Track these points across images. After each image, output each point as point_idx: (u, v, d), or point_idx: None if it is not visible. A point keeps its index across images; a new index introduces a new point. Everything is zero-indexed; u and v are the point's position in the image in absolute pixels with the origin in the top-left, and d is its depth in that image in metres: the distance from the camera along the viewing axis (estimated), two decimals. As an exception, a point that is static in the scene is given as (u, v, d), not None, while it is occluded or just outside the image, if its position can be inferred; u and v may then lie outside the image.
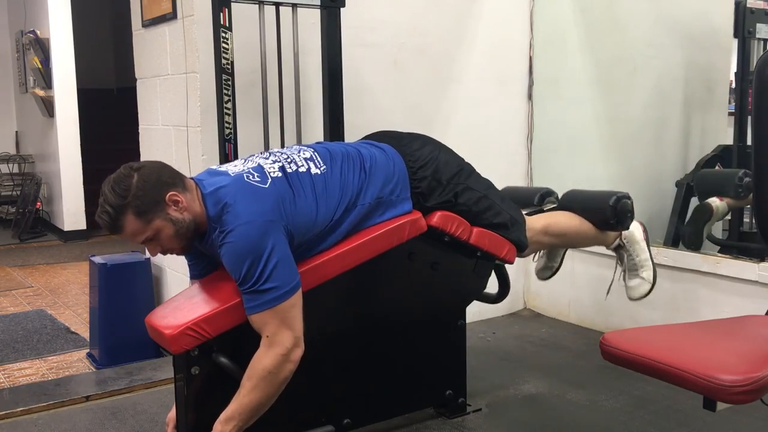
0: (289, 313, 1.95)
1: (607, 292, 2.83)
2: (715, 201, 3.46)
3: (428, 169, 2.30)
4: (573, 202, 2.67)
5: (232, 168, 2.10)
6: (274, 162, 2.11)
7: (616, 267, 2.75)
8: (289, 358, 1.96)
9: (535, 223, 2.53)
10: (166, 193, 1.96)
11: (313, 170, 2.13)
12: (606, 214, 2.56)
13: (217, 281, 2.12)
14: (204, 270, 2.21)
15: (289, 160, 2.13)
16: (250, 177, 2.03)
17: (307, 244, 2.09)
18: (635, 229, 2.67)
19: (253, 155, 2.20)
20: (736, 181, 3.36)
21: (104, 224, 1.97)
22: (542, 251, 2.84)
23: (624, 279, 2.71)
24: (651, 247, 2.68)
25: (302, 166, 2.12)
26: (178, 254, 2.11)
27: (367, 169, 2.20)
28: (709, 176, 3.65)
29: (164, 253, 2.07)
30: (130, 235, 1.98)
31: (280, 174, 2.06)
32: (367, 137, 2.49)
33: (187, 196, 2.00)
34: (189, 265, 2.25)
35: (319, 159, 2.17)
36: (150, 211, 1.94)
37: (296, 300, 1.97)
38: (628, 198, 2.58)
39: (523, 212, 2.56)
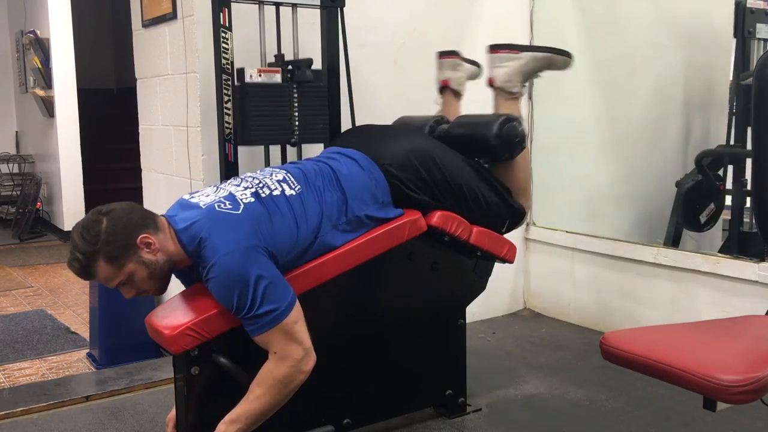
0: (292, 328, 1.94)
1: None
2: None
3: (407, 170, 2.26)
4: (460, 127, 2.50)
5: (204, 198, 2.06)
6: (246, 188, 2.08)
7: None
8: (301, 369, 1.96)
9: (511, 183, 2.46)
10: (137, 235, 1.93)
11: (288, 191, 2.10)
12: (492, 145, 2.35)
13: (217, 281, 2.12)
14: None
15: (261, 185, 2.10)
16: (222, 206, 1.99)
17: (292, 264, 2.06)
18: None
19: (225, 182, 2.17)
20: None
21: (76, 272, 1.94)
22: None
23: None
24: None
25: (276, 189, 2.09)
26: (154, 294, 2.08)
27: (344, 186, 2.17)
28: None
29: (139, 294, 2.03)
30: (103, 280, 1.96)
31: (252, 199, 2.03)
32: (336, 141, 2.46)
33: (160, 236, 1.97)
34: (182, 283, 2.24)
35: (292, 180, 2.14)
36: (121, 256, 1.92)
37: (296, 315, 1.95)
38: (514, 120, 2.37)
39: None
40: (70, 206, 6.36)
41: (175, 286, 2.21)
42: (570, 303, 3.72)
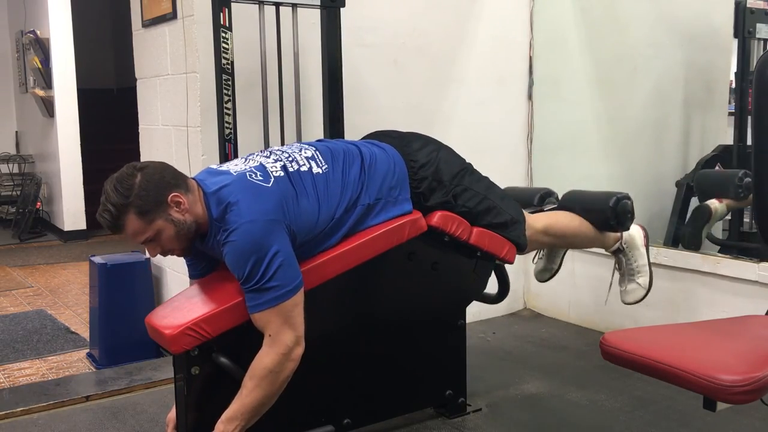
0: (291, 312, 1.95)
1: (607, 296, 2.83)
2: (714, 203, 3.46)
3: (428, 170, 2.30)
4: (573, 202, 2.67)
5: (234, 167, 2.09)
6: (276, 161, 2.11)
7: (613, 270, 2.74)
8: (291, 357, 1.96)
9: (536, 222, 2.53)
10: (169, 194, 1.96)
11: (315, 169, 2.12)
12: (606, 215, 2.56)
13: (217, 281, 2.13)
14: (203, 270, 2.21)
15: (290, 158, 2.13)
16: (253, 176, 2.02)
17: (309, 244, 2.09)
18: (636, 233, 2.66)
19: (254, 154, 2.20)
20: (736, 182, 3.36)
21: (105, 223, 1.96)
22: (542, 252, 2.84)
23: (620, 282, 2.70)
24: (651, 248, 2.68)
25: (304, 165, 2.12)
26: (177, 255, 2.10)
27: (367, 167, 2.20)
28: (709, 176, 3.65)
29: (164, 254, 2.06)
30: (131, 234, 1.97)
31: (282, 173, 2.06)
32: (367, 136, 2.49)
33: (190, 197, 2.00)
34: (188, 265, 2.25)
35: (320, 158, 2.17)
36: (152, 211, 1.94)
37: (299, 299, 1.97)
38: (628, 199, 2.58)
39: (525, 211, 2.56)
40: (70, 206, 6.36)
41: (176, 285, 2.21)
42: (570, 303, 3.72)
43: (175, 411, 2.12)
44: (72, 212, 6.40)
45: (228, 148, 2.63)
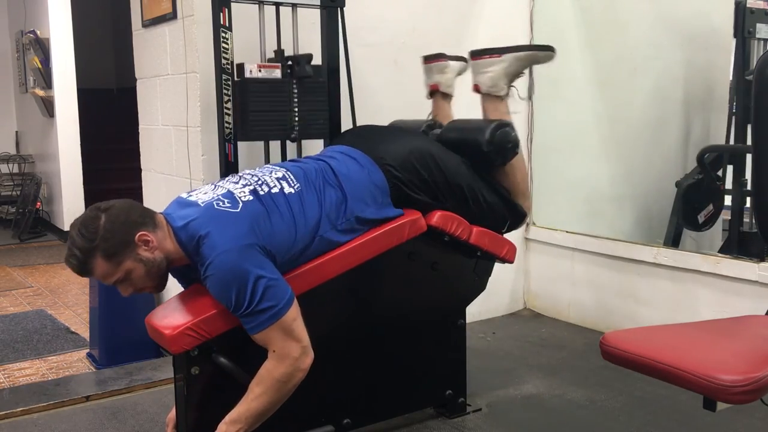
0: (291, 325, 1.94)
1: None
2: None
3: (407, 171, 2.26)
4: (452, 132, 2.50)
5: (202, 196, 2.06)
6: (245, 186, 2.08)
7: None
8: (300, 368, 1.96)
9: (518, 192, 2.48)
10: (136, 233, 1.93)
11: (287, 189, 2.09)
12: (485, 152, 2.35)
13: (217, 281, 2.12)
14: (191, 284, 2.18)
15: (260, 182, 2.10)
16: (220, 204, 1.99)
17: (290, 264, 2.06)
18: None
19: (223, 180, 2.17)
20: None
21: (73, 268, 1.94)
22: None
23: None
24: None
25: (275, 186, 2.09)
26: (151, 292, 2.07)
27: (343, 186, 2.16)
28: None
29: (137, 292, 2.03)
30: (100, 277, 1.96)
31: (251, 197, 2.03)
32: (336, 140, 2.46)
33: (158, 234, 1.97)
34: (180, 283, 2.24)
35: (292, 178, 2.14)
36: (119, 253, 1.91)
37: (294, 313, 1.95)
38: (506, 125, 2.37)
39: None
40: (70, 206, 6.35)
41: (175, 285, 2.21)
42: (570, 303, 3.72)
43: (175, 411, 2.12)
44: (72, 212, 6.38)
45: (228, 148, 2.63)
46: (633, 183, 4.02)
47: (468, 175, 2.37)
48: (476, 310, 3.53)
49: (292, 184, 2.12)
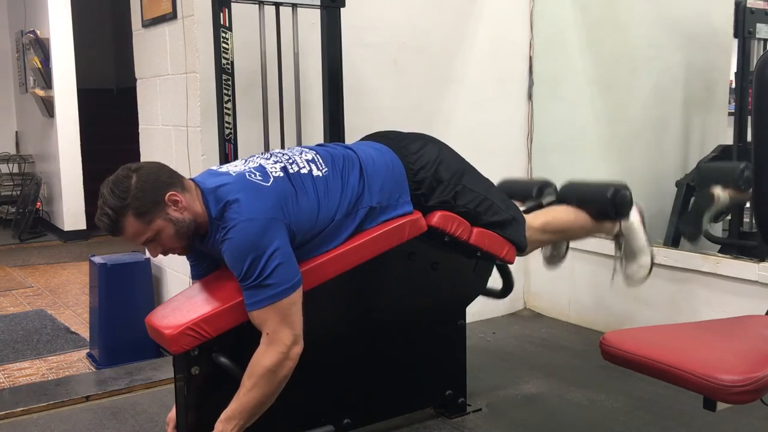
0: (289, 310, 1.95)
1: (612, 277, 2.78)
2: (717, 189, 3.44)
3: (428, 171, 2.30)
4: (571, 194, 2.67)
5: (233, 168, 2.10)
6: (276, 162, 2.11)
7: (615, 253, 2.72)
8: (289, 356, 1.96)
9: (534, 221, 2.52)
10: (166, 193, 1.96)
11: (315, 172, 2.13)
12: (605, 206, 2.57)
13: (217, 281, 2.13)
14: (205, 270, 2.21)
15: (290, 161, 2.13)
16: (252, 176, 2.03)
17: (308, 245, 2.09)
18: (633, 216, 2.65)
19: (254, 156, 2.20)
20: (737, 173, 3.35)
21: (104, 226, 1.96)
22: None
23: (622, 266, 2.70)
24: (652, 248, 2.68)
25: (304, 167, 2.12)
26: (179, 254, 2.10)
27: (366, 172, 2.20)
28: (710, 168, 3.64)
29: (165, 253, 2.06)
30: (131, 236, 1.97)
31: (282, 174, 2.06)
32: (366, 137, 2.49)
33: (187, 195, 2.00)
34: (191, 266, 2.25)
35: (320, 161, 2.17)
36: (150, 211, 1.94)
37: (297, 297, 1.97)
38: (626, 189, 2.59)
39: (522, 207, 2.56)
40: (70, 206, 6.36)
41: (176, 286, 2.22)
42: (570, 303, 3.72)
43: (175, 411, 2.12)
44: (72, 212, 6.40)
45: (228, 148, 2.63)
46: (633, 183, 4.01)
47: (486, 188, 2.42)
48: (476, 310, 3.53)
49: (320, 168, 2.15)
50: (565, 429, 2.53)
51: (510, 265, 2.57)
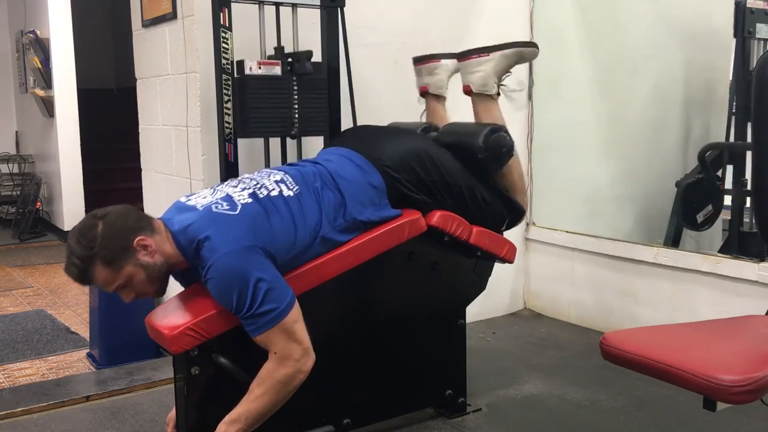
0: (292, 327, 1.94)
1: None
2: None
3: (405, 170, 2.26)
4: (448, 136, 2.51)
5: (201, 201, 2.06)
6: (243, 189, 2.08)
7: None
8: (301, 369, 1.96)
9: (514, 191, 2.49)
10: (134, 238, 1.93)
11: (285, 192, 2.10)
12: (477, 155, 2.35)
13: (217, 281, 2.12)
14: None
15: (258, 185, 2.10)
16: (219, 207, 2.00)
17: (291, 264, 2.06)
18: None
19: (221, 184, 2.18)
20: None
21: (74, 277, 1.94)
22: None
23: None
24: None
25: (273, 189, 2.10)
26: (153, 296, 2.08)
27: (341, 188, 2.17)
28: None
29: (138, 297, 2.04)
30: (102, 284, 1.96)
31: (250, 200, 2.03)
32: (335, 141, 2.47)
33: (157, 238, 1.98)
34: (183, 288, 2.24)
35: (290, 180, 2.14)
36: (119, 258, 1.92)
37: (296, 315, 1.95)
38: (501, 130, 2.39)
39: None
40: (70, 206, 6.35)
41: (175, 286, 2.21)
42: (570, 303, 3.72)
43: (175, 411, 2.12)
44: (72, 212, 6.38)
45: (228, 148, 2.63)
46: (633, 183, 4.02)
47: (465, 175, 2.37)
48: (476, 310, 3.53)
49: (291, 187, 2.12)
50: (565, 429, 2.53)
51: (510, 264, 2.57)
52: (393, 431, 2.48)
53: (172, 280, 2.13)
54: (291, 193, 2.10)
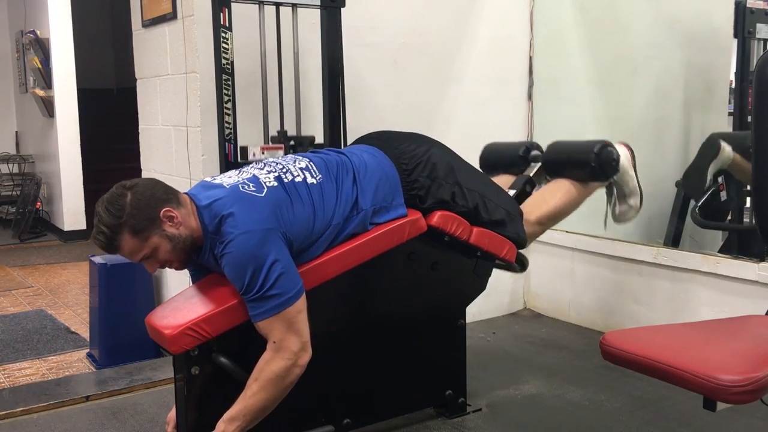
0: (295, 318, 1.95)
1: (605, 224, 2.81)
2: (724, 143, 3.43)
3: (423, 171, 2.29)
4: (557, 154, 2.69)
5: (227, 180, 2.09)
6: (270, 172, 2.10)
7: (607, 197, 2.74)
8: (297, 363, 1.96)
9: (530, 215, 2.52)
10: (161, 209, 1.95)
11: (309, 180, 2.12)
12: (593, 173, 2.58)
13: (217, 282, 2.12)
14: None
15: (284, 170, 2.12)
16: (246, 187, 2.02)
17: (307, 251, 2.09)
18: (624, 158, 2.65)
19: (248, 167, 2.19)
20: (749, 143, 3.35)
21: (100, 245, 1.96)
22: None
23: (612, 207, 2.73)
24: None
25: (298, 176, 2.12)
26: (176, 269, 2.10)
27: (360, 177, 2.19)
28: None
29: (162, 267, 2.06)
30: (128, 254, 1.98)
31: (276, 183, 2.06)
32: (359, 139, 2.48)
33: (182, 211, 1.99)
34: (191, 275, 2.26)
35: (314, 168, 2.16)
36: (146, 229, 1.94)
37: (301, 305, 1.97)
38: (610, 146, 2.58)
39: (511, 191, 2.57)
40: (70, 206, 6.36)
41: (175, 285, 2.22)
42: (570, 303, 3.72)
43: (175, 411, 2.12)
44: (72, 212, 6.40)
45: (228, 148, 2.63)
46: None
47: (482, 184, 2.42)
48: (476, 310, 3.53)
49: (314, 175, 2.14)
50: (565, 429, 2.53)
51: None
52: (393, 431, 2.48)
53: (174, 275, 2.13)
54: (314, 181, 2.12)
